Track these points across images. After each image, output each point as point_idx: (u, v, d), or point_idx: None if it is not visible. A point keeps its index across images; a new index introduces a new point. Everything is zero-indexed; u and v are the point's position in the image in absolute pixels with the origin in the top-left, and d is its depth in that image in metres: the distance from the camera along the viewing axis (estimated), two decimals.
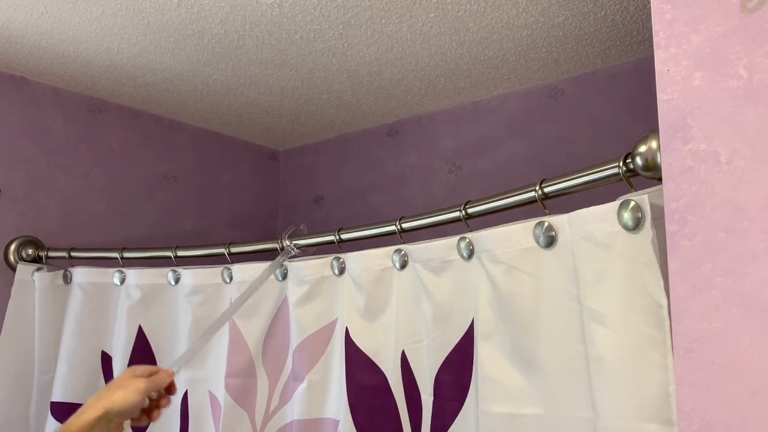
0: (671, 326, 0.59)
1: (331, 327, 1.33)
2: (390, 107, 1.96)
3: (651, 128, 0.72)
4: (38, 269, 1.67)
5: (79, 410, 0.95)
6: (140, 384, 0.98)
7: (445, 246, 1.14)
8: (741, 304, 0.54)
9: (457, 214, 1.14)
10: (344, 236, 1.35)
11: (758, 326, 0.53)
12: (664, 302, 0.70)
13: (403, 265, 1.22)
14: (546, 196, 0.98)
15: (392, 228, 1.26)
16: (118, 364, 1.56)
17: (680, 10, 0.59)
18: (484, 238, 1.05)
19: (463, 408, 1.08)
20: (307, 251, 1.42)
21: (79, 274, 1.65)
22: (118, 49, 1.59)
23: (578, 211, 0.87)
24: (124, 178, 1.93)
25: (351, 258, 1.31)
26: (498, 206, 1.09)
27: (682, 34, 0.58)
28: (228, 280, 1.49)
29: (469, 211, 1.12)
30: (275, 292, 1.41)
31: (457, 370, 1.09)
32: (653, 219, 0.75)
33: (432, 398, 1.14)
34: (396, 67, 1.68)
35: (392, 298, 1.23)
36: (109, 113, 1.92)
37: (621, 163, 0.84)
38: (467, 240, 1.09)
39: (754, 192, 0.55)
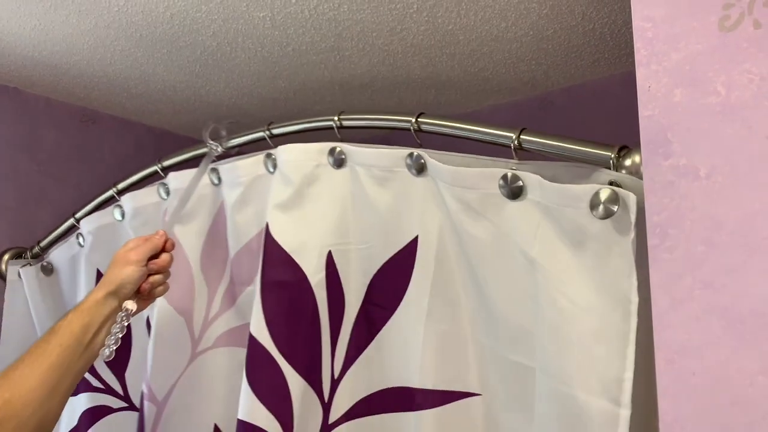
0: (639, 325, 0.62)
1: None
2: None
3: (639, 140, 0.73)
4: (23, 266, 1.67)
5: (88, 293, 1.03)
6: (133, 255, 1.04)
7: (392, 156, 1.06)
8: (721, 316, 0.55)
9: (407, 125, 1.06)
10: (276, 131, 1.26)
11: (737, 338, 0.54)
12: (635, 299, 0.71)
13: (340, 164, 1.14)
14: (520, 147, 0.92)
15: (329, 123, 1.17)
16: None
17: (660, 28, 0.60)
18: (442, 170, 0.98)
19: (392, 318, 1.04)
20: (237, 151, 1.35)
21: (56, 256, 1.66)
22: (111, 60, 1.59)
23: (556, 185, 0.84)
24: None
25: (281, 151, 1.20)
26: (459, 134, 1.02)
27: (662, 51, 0.60)
28: (165, 195, 1.43)
29: (423, 126, 1.04)
30: (211, 197, 1.34)
31: (393, 282, 1.04)
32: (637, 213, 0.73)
33: (361, 301, 1.09)
34: (387, 79, 1.69)
35: (323, 196, 1.15)
36: (102, 124, 1.93)
37: (614, 154, 0.79)
38: (416, 155, 1.02)
39: (732, 206, 0.56)
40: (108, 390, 1.55)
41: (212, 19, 1.39)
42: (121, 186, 1.56)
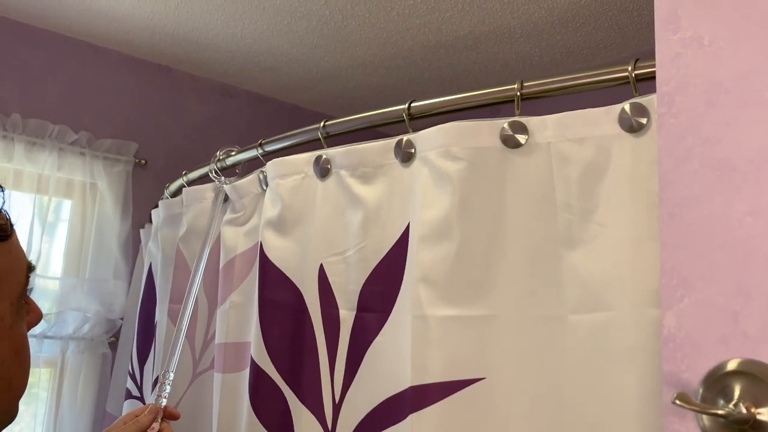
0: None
1: (257, 247, 1.23)
2: (489, 84, 2.04)
3: None
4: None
5: None
6: None
7: (380, 149, 1.04)
8: (715, 168, 0.58)
9: (398, 113, 1.03)
10: (268, 148, 1.25)
11: (728, 185, 0.57)
12: None
13: (325, 174, 1.10)
14: (522, 97, 0.93)
15: (315, 134, 1.14)
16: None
17: None
18: (432, 134, 0.95)
19: (389, 320, 0.99)
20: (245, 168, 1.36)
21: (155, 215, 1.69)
22: (241, 34, 1.81)
23: (566, 113, 0.87)
24: None
25: (270, 167, 1.19)
26: (455, 106, 1.00)
27: None
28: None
29: (414, 112, 1.01)
30: (216, 215, 1.35)
31: (386, 280, 1.00)
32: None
33: (354, 313, 1.04)
34: (490, 40, 1.77)
35: (313, 210, 1.12)
36: (238, 98, 2.17)
37: (630, 67, 0.82)
38: (406, 141, 1.00)
39: (730, 68, 0.60)
40: (131, 376, 1.59)
41: None
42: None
